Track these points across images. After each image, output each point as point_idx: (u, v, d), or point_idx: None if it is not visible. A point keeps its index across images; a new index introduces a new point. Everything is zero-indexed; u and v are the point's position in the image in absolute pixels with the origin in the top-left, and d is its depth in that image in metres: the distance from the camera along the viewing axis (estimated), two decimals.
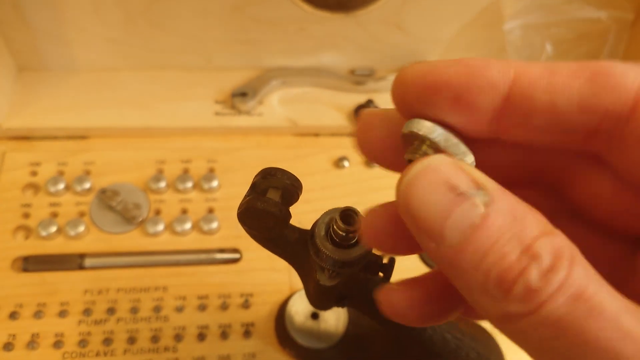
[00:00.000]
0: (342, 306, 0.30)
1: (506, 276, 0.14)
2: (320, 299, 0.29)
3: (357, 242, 0.25)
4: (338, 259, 0.24)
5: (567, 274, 0.14)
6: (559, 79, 0.16)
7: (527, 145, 0.18)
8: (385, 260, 0.26)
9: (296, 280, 0.40)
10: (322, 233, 0.25)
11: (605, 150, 0.17)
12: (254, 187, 0.25)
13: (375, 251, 0.26)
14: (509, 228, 0.15)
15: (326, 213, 0.25)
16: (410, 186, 0.16)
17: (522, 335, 0.15)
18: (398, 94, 0.18)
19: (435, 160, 0.16)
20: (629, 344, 0.13)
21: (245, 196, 0.25)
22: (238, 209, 0.25)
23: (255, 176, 0.25)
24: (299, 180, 0.25)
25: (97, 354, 0.37)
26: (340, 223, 0.23)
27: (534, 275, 0.14)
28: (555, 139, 0.17)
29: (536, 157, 0.19)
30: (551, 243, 0.14)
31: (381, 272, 0.27)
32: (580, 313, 0.14)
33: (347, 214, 0.24)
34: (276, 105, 0.49)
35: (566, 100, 0.16)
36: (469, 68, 0.16)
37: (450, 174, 0.15)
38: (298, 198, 0.26)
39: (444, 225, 0.15)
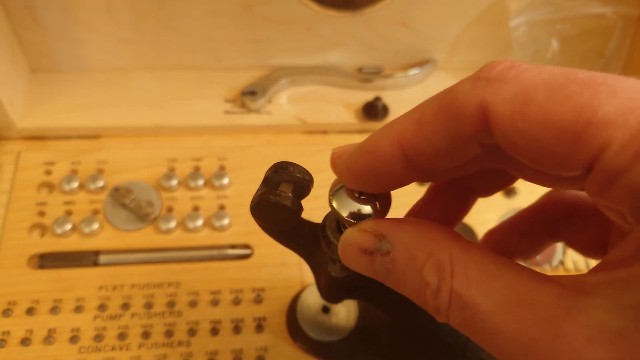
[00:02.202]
0: (353, 298, 0.31)
1: (420, 299, 0.19)
2: (331, 291, 0.30)
3: None
4: None
5: (450, 290, 0.18)
6: (425, 130, 0.19)
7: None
8: None
9: (307, 275, 0.41)
10: (334, 225, 0.26)
11: (498, 159, 0.22)
12: (266, 181, 0.26)
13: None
14: (408, 264, 0.20)
15: None
16: (344, 257, 0.23)
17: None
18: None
19: (346, 236, 0.22)
20: (500, 339, 0.17)
21: (258, 190, 0.26)
22: (251, 203, 0.26)
23: (268, 170, 0.26)
24: (310, 173, 0.26)
25: (113, 349, 0.37)
26: (350, 217, 0.24)
27: (430, 299, 0.19)
28: (456, 173, 0.24)
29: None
30: (434, 264, 0.19)
31: None
32: (469, 320, 0.18)
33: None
34: (285, 104, 0.50)
35: (437, 147, 0.19)
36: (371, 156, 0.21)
37: (359, 241, 0.22)
38: (310, 191, 0.26)
39: (373, 274, 0.21)
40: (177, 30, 0.47)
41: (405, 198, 0.46)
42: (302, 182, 0.25)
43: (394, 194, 0.47)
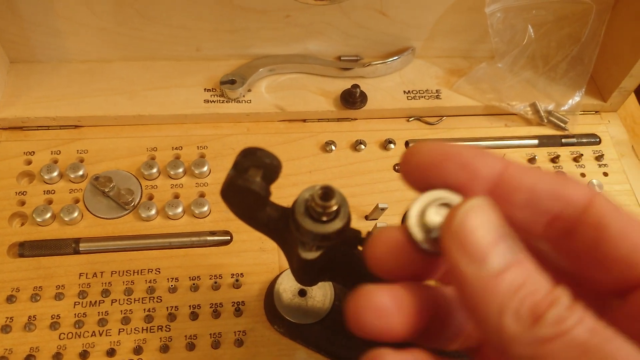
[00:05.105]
0: (325, 280, 0.32)
1: (539, 305, 0.17)
2: (303, 274, 0.30)
3: (335, 217, 0.26)
4: (317, 232, 0.25)
5: (584, 313, 0.17)
6: (538, 170, 0.20)
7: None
8: (363, 235, 0.28)
9: (285, 260, 0.41)
10: (302, 209, 0.26)
11: (555, 238, 0.20)
12: (235, 165, 0.26)
13: (353, 227, 0.27)
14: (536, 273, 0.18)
15: (305, 190, 0.26)
16: (468, 213, 0.18)
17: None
18: (412, 163, 0.21)
19: (485, 201, 0.19)
20: None
21: (228, 174, 0.26)
22: (221, 187, 0.26)
23: (237, 155, 0.26)
24: (278, 159, 0.26)
25: (93, 334, 0.38)
26: (318, 200, 0.25)
27: (560, 307, 0.17)
28: (527, 217, 0.20)
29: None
30: (565, 293, 0.17)
31: (360, 245, 0.28)
32: (600, 338, 0.16)
33: (325, 192, 0.25)
34: (264, 92, 0.50)
35: (543, 185, 0.19)
36: (474, 148, 0.20)
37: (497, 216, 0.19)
38: (278, 176, 0.27)
39: (491, 251, 0.18)
40: (155, 20, 0.47)
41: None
42: (270, 167, 0.26)
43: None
